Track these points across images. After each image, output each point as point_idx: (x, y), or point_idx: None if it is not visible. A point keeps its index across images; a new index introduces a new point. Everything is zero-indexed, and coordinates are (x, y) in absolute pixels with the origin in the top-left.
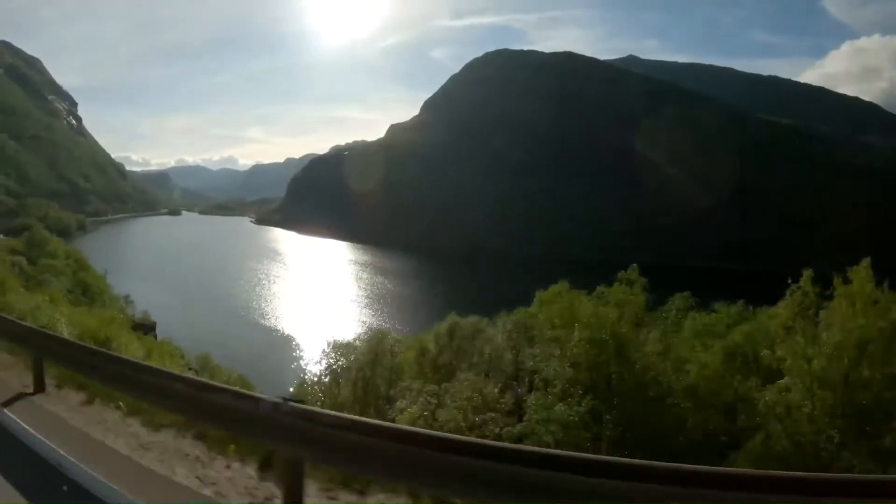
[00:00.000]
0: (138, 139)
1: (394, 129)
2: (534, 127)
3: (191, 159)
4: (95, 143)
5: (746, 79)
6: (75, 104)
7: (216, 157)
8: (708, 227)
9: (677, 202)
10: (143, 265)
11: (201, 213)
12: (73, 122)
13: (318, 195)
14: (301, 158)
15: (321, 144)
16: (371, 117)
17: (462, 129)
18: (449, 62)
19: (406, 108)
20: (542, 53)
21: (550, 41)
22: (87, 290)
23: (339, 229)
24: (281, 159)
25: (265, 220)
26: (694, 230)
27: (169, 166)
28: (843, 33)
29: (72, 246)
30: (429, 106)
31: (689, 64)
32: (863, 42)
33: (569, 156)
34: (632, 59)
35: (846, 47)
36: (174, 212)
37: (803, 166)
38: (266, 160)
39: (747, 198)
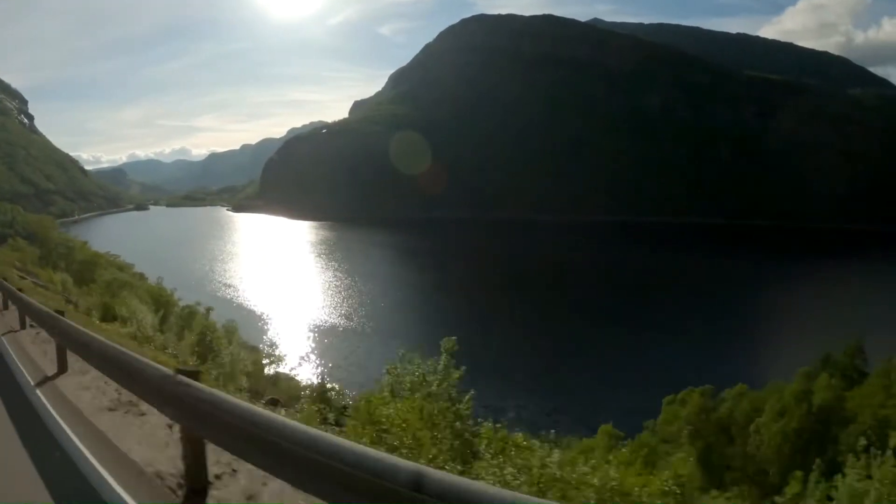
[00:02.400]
0: (87, 136)
1: (359, 105)
2: (524, 94)
3: (143, 153)
4: (49, 141)
5: (715, 37)
6: (25, 102)
7: (168, 150)
8: (709, 185)
9: (676, 161)
10: (149, 265)
11: (169, 205)
12: (26, 120)
13: (298, 177)
14: (258, 144)
15: (277, 129)
16: (326, 98)
17: (445, 97)
18: (398, 37)
19: (361, 86)
20: (521, 17)
21: (500, 9)
22: (167, 304)
23: (327, 210)
24: (237, 146)
25: (243, 206)
26: (696, 189)
27: (122, 162)
28: None
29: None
30: (399, 78)
31: (656, 24)
32: None
33: (564, 121)
34: (597, 23)
35: (802, 3)
36: (141, 206)
37: (802, 120)
38: (221, 148)
39: (749, 153)
